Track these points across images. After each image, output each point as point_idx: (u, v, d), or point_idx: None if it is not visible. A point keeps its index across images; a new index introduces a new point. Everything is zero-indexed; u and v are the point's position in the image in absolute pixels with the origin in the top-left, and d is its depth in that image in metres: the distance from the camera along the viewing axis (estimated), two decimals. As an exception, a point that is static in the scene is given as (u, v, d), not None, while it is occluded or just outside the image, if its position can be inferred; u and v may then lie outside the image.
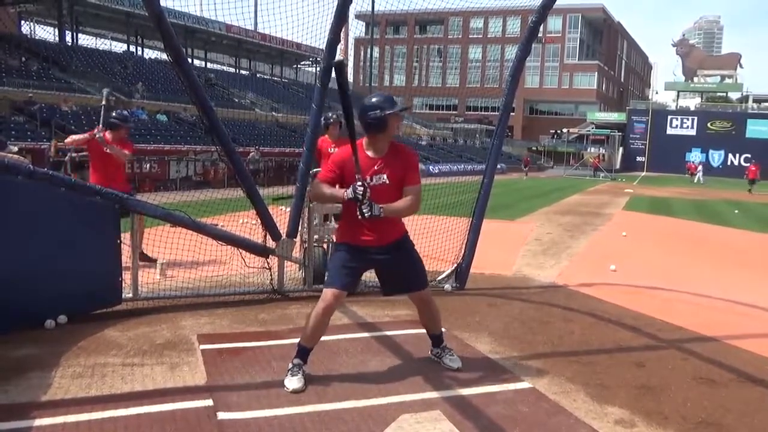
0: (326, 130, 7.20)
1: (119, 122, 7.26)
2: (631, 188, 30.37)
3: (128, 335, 4.62)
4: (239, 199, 6.02)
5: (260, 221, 5.83)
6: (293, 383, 3.68)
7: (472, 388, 3.81)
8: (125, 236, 5.33)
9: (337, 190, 3.71)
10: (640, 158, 58.63)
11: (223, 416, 3.31)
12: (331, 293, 3.75)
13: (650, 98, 73.60)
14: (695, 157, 53.74)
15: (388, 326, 5.02)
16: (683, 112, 61.09)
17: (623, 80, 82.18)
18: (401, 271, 3.94)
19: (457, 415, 3.41)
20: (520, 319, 5.48)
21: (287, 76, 51.34)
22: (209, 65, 45.89)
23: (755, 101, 64.74)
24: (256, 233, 6.20)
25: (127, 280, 5.36)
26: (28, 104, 22.85)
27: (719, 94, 68.02)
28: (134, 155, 10.39)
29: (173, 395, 3.57)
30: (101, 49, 38.95)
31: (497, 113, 7.20)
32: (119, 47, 41.38)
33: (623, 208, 19.37)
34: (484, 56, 68.64)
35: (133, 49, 40.06)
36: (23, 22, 38.83)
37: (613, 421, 3.46)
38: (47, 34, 38.83)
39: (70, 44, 36.00)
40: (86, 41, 40.42)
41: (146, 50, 40.66)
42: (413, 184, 3.78)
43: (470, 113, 66.05)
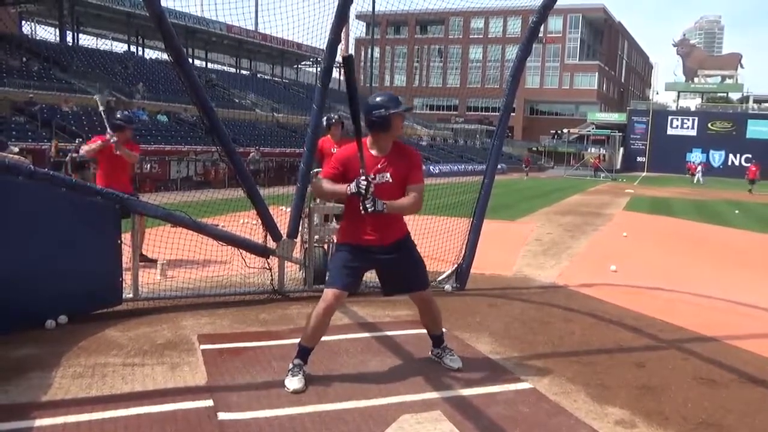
0: (328, 130, 7.20)
1: (124, 123, 7.27)
2: (631, 188, 30.36)
3: (129, 335, 4.62)
4: (240, 199, 6.02)
5: (261, 221, 5.83)
6: (294, 383, 3.68)
7: (472, 388, 3.81)
8: (126, 236, 5.34)
9: (339, 185, 3.70)
10: (640, 158, 58.62)
11: (223, 416, 3.32)
12: (331, 293, 3.75)
13: (651, 98, 73.55)
14: (696, 157, 53.73)
15: (388, 326, 5.03)
16: (684, 112, 61.09)
17: (624, 80, 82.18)
18: (402, 271, 3.94)
19: (457, 415, 3.41)
20: (520, 319, 5.48)
21: (288, 76, 51.38)
22: (210, 65, 45.95)
23: (756, 102, 64.73)
24: (256, 233, 6.20)
25: (127, 280, 5.36)
26: (28, 105, 22.89)
27: (720, 94, 68.01)
28: (140, 156, 10.47)
29: (174, 395, 3.57)
30: (102, 49, 39.04)
31: (498, 113, 7.21)
32: (120, 47, 41.56)
33: (624, 208, 19.37)
34: (484, 56, 68.73)
35: (133, 49, 40.10)
36: (24, 22, 38.91)
37: (613, 421, 3.46)
38: (48, 34, 39.00)
39: (70, 44, 36.06)
40: (87, 41, 40.58)
41: (147, 50, 40.79)
42: (416, 182, 3.78)
43: (471, 113, 66.07)
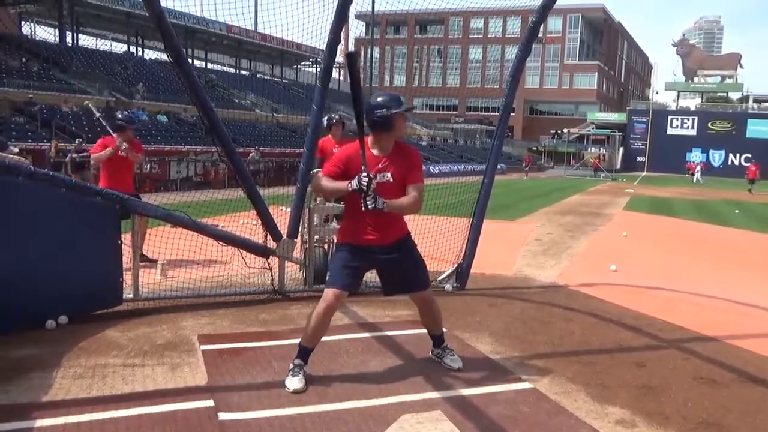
0: (329, 130, 7.21)
1: (126, 124, 7.27)
2: (631, 188, 30.36)
3: (129, 336, 4.62)
4: (240, 199, 6.02)
5: (261, 222, 5.83)
6: (294, 383, 3.68)
7: (473, 388, 3.81)
8: (126, 237, 5.33)
9: (340, 182, 3.69)
10: (640, 158, 58.61)
11: (224, 417, 3.32)
12: (332, 293, 3.74)
13: (650, 98, 73.60)
14: (696, 157, 53.73)
15: (388, 326, 5.03)
16: (683, 112, 61.08)
17: (623, 80, 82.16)
18: (403, 271, 3.93)
19: (458, 415, 3.41)
20: (520, 319, 5.48)
21: (287, 76, 51.38)
22: (209, 66, 45.95)
23: (755, 101, 64.71)
24: (256, 234, 6.21)
25: (127, 280, 5.36)
26: (28, 105, 22.89)
27: (719, 94, 68.00)
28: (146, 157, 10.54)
29: (174, 396, 3.57)
30: (102, 49, 39.06)
31: (497, 113, 7.21)
32: (120, 48, 41.56)
33: (624, 208, 19.37)
34: (484, 56, 68.68)
35: (133, 49, 40.11)
36: (23, 22, 38.92)
37: (613, 421, 3.46)
38: (47, 34, 38.99)
39: (70, 45, 36.05)
40: (87, 42, 40.59)
41: (147, 51, 40.80)
42: (416, 182, 3.78)
43: (470, 113, 66.05)
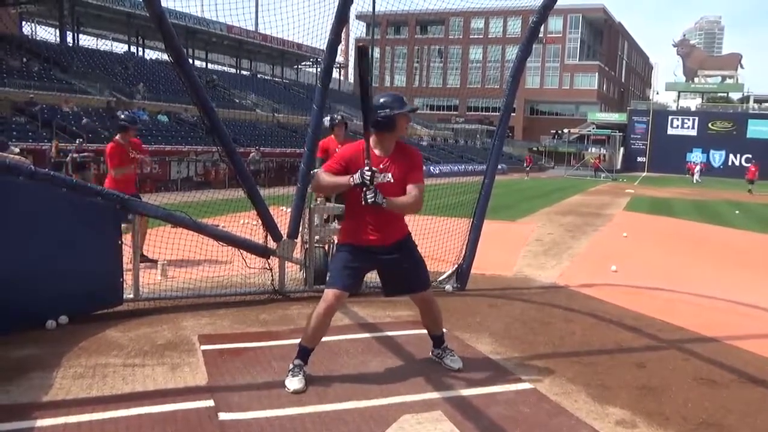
0: (332, 131, 7.28)
1: (128, 124, 7.27)
2: (631, 189, 30.34)
3: (129, 336, 4.62)
4: (240, 199, 6.02)
5: (261, 222, 5.84)
6: (294, 384, 3.68)
7: (473, 388, 3.81)
8: (126, 237, 5.34)
9: (341, 177, 3.68)
10: (640, 159, 58.60)
11: (224, 417, 3.32)
12: (332, 294, 3.74)
13: (651, 99, 73.49)
14: (696, 157, 53.72)
15: (389, 327, 5.03)
16: (684, 112, 61.05)
17: (624, 80, 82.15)
18: (403, 271, 3.93)
19: (458, 415, 3.41)
20: (521, 319, 5.48)
21: (288, 76, 51.38)
22: (210, 66, 45.93)
23: (756, 101, 64.69)
24: (257, 234, 6.21)
25: (128, 280, 5.36)
26: (29, 105, 22.91)
27: (720, 94, 67.98)
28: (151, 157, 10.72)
29: (174, 396, 3.57)
30: (102, 49, 39.07)
31: (498, 114, 7.20)
32: (120, 48, 41.58)
33: (624, 208, 19.36)
34: (484, 57, 68.69)
35: (134, 49, 40.12)
36: (24, 22, 38.94)
37: (614, 421, 3.46)
38: (48, 34, 39.03)
39: (71, 45, 36.06)
40: (87, 42, 40.60)
41: (147, 51, 40.77)
42: (417, 181, 3.77)
43: (471, 114, 66.05)
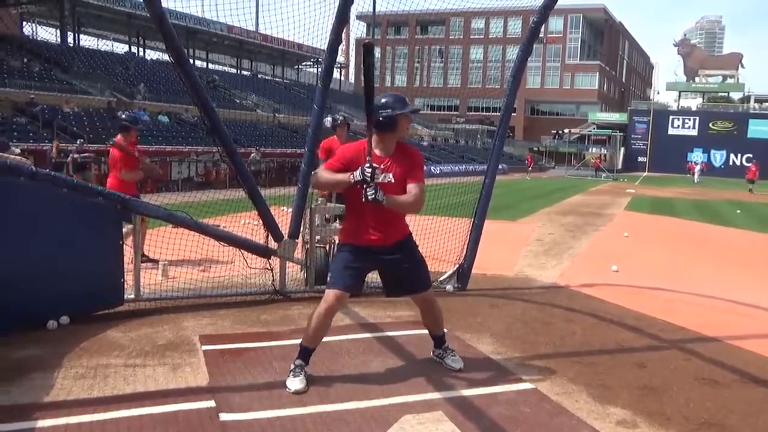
0: (334, 131, 7.34)
1: (130, 124, 7.30)
2: (632, 188, 30.32)
3: (130, 336, 4.62)
4: (241, 199, 6.02)
5: (262, 222, 5.84)
6: (295, 384, 3.68)
7: (474, 388, 3.81)
8: (127, 237, 5.34)
9: (341, 174, 3.67)
10: (641, 158, 58.54)
11: (225, 417, 3.32)
12: (333, 294, 3.74)
13: (652, 98, 73.51)
14: (697, 157, 53.67)
15: (390, 327, 5.03)
16: (685, 112, 60.97)
17: (625, 80, 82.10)
18: (404, 272, 3.93)
19: (459, 415, 3.41)
20: (521, 319, 5.48)
21: (289, 76, 51.38)
22: (211, 66, 45.94)
23: (757, 101, 64.62)
24: (257, 234, 6.21)
25: (129, 280, 5.36)
26: (29, 105, 22.91)
27: (721, 94, 67.92)
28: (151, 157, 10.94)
29: (175, 396, 3.57)
30: (103, 50, 39.10)
31: (499, 114, 7.20)
32: (121, 48, 41.60)
33: (625, 208, 19.36)
34: (485, 57, 68.64)
35: (134, 50, 40.14)
36: (25, 23, 38.98)
37: (615, 421, 3.46)
38: (49, 35, 39.03)
39: (71, 45, 36.08)
40: (88, 42, 40.62)
41: (148, 51, 40.79)
42: (417, 181, 3.76)
43: (472, 114, 66.02)
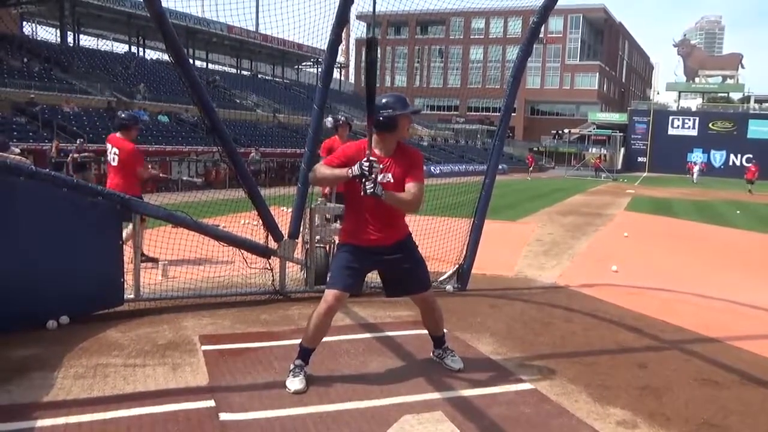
0: (336, 131, 7.40)
1: (131, 123, 7.31)
2: (632, 189, 30.33)
3: (130, 336, 4.62)
4: (241, 199, 6.02)
5: (262, 222, 5.83)
6: (295, 384, 3.68)
7: (473, 389, 3.81)
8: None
9: (340, 169, 3.66)
10: (641, 159, 58.56)
11: (225, 417, 3.32)
12: (332, 294, 3.74)
13: (651, 99, 73.51)
14: (696, 157, 53.66)
15: (389, 327, 5.02)
16: (685, 112, 60.97)
17: (624, 81, 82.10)
18: (404, 272, 3.93)
19: (458, 416, 3.41)
20: (521, 320, 5.48)
21: (289, 76, 51.37)
22: (211, 66, 45.93)
23: (757, 102, 64.66)
24: (257, 234, 6.20)
25: (129, 280, 5.35)
26: (29, 105, 22.91)
27: (721, 94, 67.91)
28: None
29: (175, 396, 3.57)
30: (103, 50, 39.10)
31: (499, 114, 7.20)
32: (121, 48, 41.59)
33: (625, 208, 19.35)
34: (485, 57, 68.65)
35: (134, 50, 40.13)
36: (25, 23, 38.96)
37: (615, 422, 3.46)
38: (49, 35, 39.04)
39: (71, 45, 36.08)
40: (88, 42, 40.60)
41: (148, 51, 40.77)
42: (416, 180, 3.75)
43: (471, 114, 66.04)
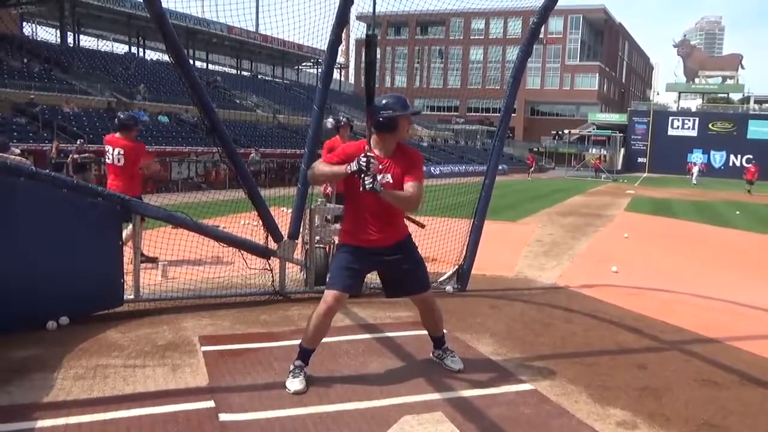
0: (337, 132, 7.42)
1: (132, 123, 7.34)
2: (632, 189, 30.31)
3: (130, 336, 4.62)
4: (241, 200, 6.03)
5: (262, 222, 5.83)
6: (295, 384, 3.68)
7: (473, 389, 3.81)
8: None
9: (338, 166, 3.66)
10: (641, 159, 58.54)
11: (225, 417, 3.32)
12: (332, 295, 3.74)
13: (651, 99, 73.48)
14: (696, 158, 53.67)
15: (389, 328, 5.02)
16: (684, 113, 60.93)
17: (624, 81, 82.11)
18: (403, 272, 3.93)
19: (458, 416, 3.41)
20: (521, 320, 5.48)
21: (289, 77, 51.39)
22: (211, 66, 45.95)
23: (757, 102, 64.60)
24: (257, 235, 6.21)
25: (128, 281, 5.35)
26: (29, 106, 22.91)
27: (720, 95, 67.90)
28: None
29: (175, 397, 3.57)
30: (103, 50, 39.11)
31: (498, 114, 7.20)
32: (121, 48, 41.57)
33: (625, 209, 19.34)
34: (485, 57, 68.67)
35: (134, 50, 40.13)
36: (25, 23, 38.98)
37: (615, 422, 3.46)
38: (49, 35, 39.04)
39: (71, 46, 36.07)
40: (88, 42, 40.62)
41: (148, 51, 40.78)
42: (415, 179, 3.74)
43: (471, 114, 66.06)
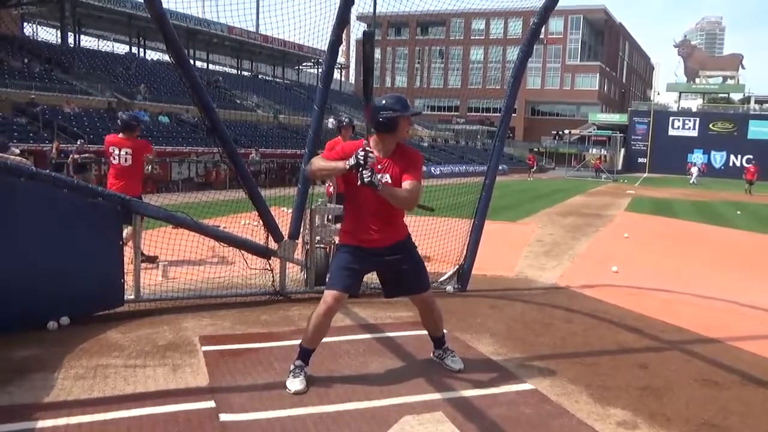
0: (338, 132, 7.47)
1: (135, 123, 7.41)
2: (633, 189, 30.31)
3: (130, 337, 4.62)
4: (241, 200, 6.03)
5: (262, 223, 5.84)
6: (295, 385, 3.68)
7: (474, 389, 3.81)
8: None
9: (336, 161, 3.66)
10: (641, 159, 58.48)
11: (225, 418, 3.32)
12: (331, 295, 3.74)
13: (652, 99, 73.46)
14: (696, 158, 53.64)
15: (389, 328, 5.02)
16: (685, 113, 60.86)
17: (625, 81, 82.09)
18: (403, 273, 3.93)
19: (459, 416, 3.41)
20: (522, 320, 5.48)
21: (289, 77, 51.42)
22: (211, 67, 45.98)
23: (757, 102, 64.51)
24: (257, 235, 6.21)
25: (129, 281, 5.35)
26: (30, 106, 22.92)
27: (721, 95, 67.86)
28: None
29: (175, 397, 3.57)
30: (103, 50, 39.15)
31: (499, 114, 7.20)
32: (121, 49, 41.62)
33: (625, 209, 19.34)
34: (485, 57, 68.70)
35: (135, 50, 40.16)
36: (25, 23, 39.02)
37: (615, 422, 3.45)
38: (49, 35, 39.08)
39: (72, 46, 36.10)
40: (88, 43, 40.66)
41: (149, 52, 40.80)
42: (413, 179, 3.73)
43: (472, 114, 66.04)
